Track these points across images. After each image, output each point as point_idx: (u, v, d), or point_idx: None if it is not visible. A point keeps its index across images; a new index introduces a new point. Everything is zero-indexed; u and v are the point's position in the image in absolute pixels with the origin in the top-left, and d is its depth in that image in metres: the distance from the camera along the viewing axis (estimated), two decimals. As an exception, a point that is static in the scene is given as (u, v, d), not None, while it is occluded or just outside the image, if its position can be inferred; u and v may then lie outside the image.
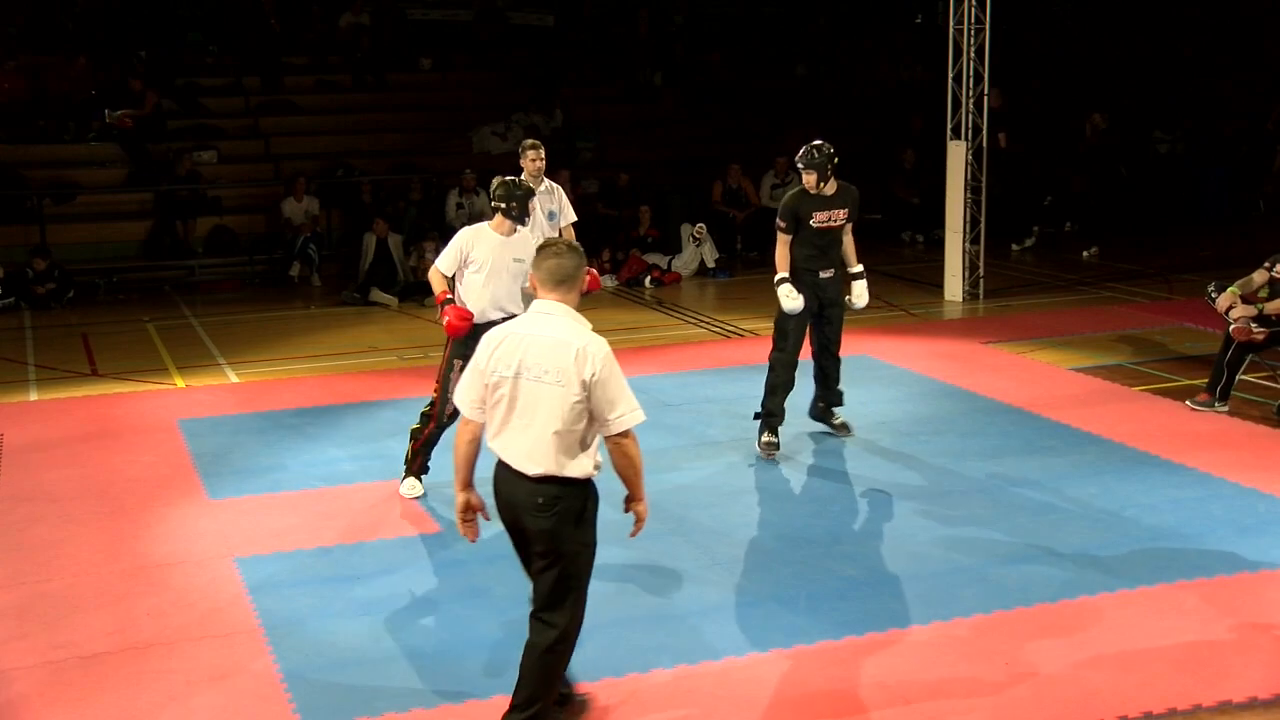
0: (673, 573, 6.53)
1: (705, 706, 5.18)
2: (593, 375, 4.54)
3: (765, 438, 8.42)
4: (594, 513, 4.79)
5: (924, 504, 7.45)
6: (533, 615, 4.81)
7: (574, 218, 9.55)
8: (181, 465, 8.44)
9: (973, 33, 13.54)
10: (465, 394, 4.79)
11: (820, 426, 8.96)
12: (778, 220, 8.43)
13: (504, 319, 6.54)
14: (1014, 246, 16.68)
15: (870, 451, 8.48)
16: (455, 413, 6.54)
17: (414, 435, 7.86)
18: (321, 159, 17.73)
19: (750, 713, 5.12)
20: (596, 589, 6.27)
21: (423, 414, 7.82)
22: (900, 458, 8.31)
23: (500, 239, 7.47)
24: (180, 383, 10.93)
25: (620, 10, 21.97)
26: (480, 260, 7.42)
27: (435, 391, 7.69)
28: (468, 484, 4.89)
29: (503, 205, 7.47)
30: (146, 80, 17.77)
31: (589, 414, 4.61)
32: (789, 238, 8.36)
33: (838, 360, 8.70)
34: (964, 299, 13.75)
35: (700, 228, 15.97)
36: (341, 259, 16.04)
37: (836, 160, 8.26)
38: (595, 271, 7.89)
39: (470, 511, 4.92)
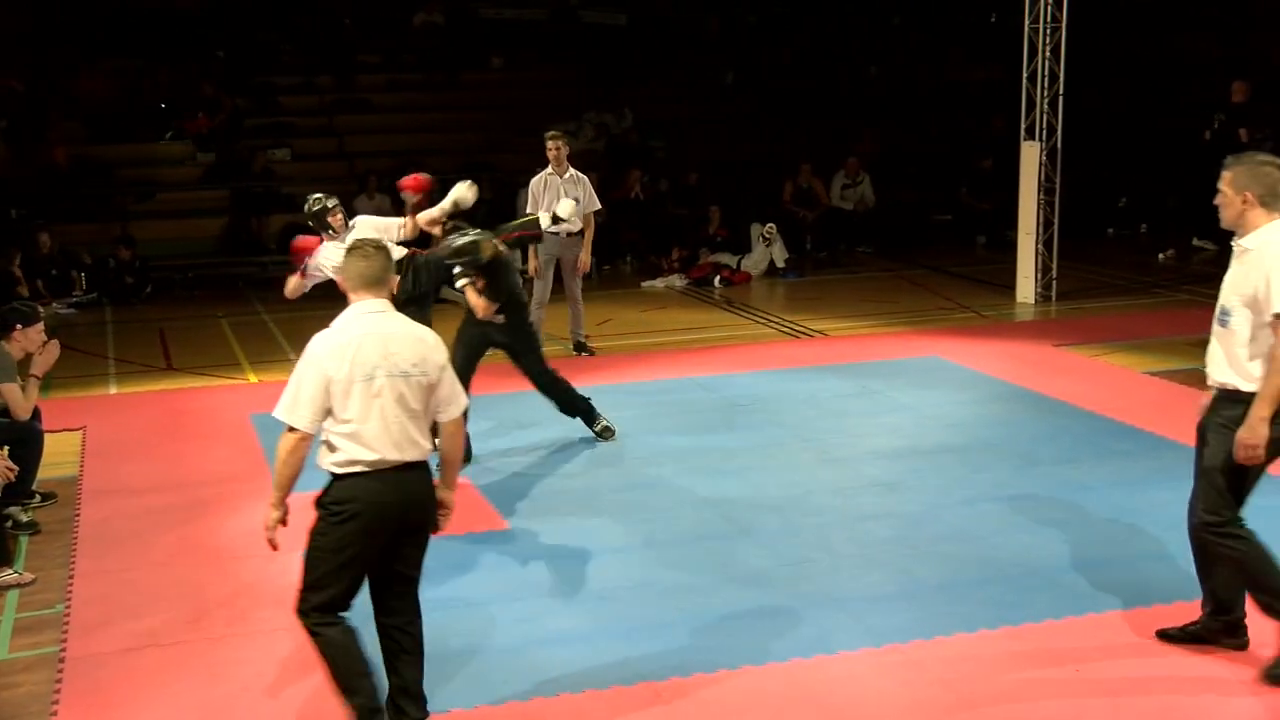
0: (740, 573, 6.52)
1: (770, 708, 5.17)
2: (443, 363, 4.77)
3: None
4: None
5: (994, 507, 7.39)
6: (394, 628, 4.86)
7: (598, 205, 10.01)
8: (254, 459, 8.56)
9: (1048, 31, 13.39)
10: (305, 411, 4.69)
11: (897, 426, 8.93)
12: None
13: None
14: (1160, 256, 16.38)
15: (940, 454, 8.42)
16: None
17: None
18: (394, 157, 17.87)
19: (816, 715, 5.11)
20: (663, 588, 6.32)
21: None
22: (970, 461, 8.25)
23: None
24: (253, 378, 11.09)
25: (692, 10, 21.98)
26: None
27: None
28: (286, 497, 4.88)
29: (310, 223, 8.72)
30: (221, 84, 18.07)
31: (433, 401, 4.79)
32: None
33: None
34: (1036, 301, 13.61)
35: (770, 227, 15.93)
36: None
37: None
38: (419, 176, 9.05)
39: (281, 524, 4.93)
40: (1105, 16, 20.88)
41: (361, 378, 4.64)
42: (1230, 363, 5.31)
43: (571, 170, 10.38)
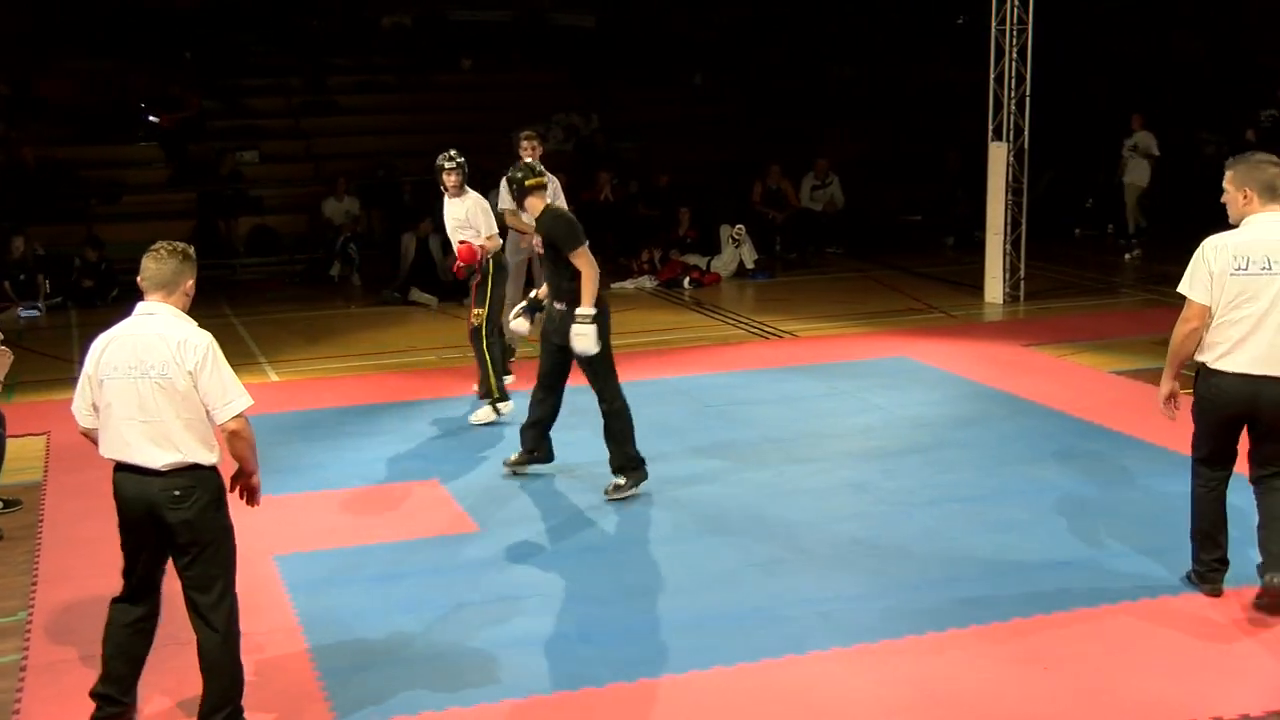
0: (711, 574, 6.52)
1: (742, 709, 5.16)
2: (197, 365, 4.80)
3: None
4: (226, 498, 5.04)
5: (963, 507, 7.41)
6: (192, 613, 5.00)
7: (564, 206, 10.26)
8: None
9: (1015, 33, 13.45)
10: (77, 403, 4.95)
11: (867, 426, 8.95)
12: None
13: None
14: (1126, 256, 16.50)
15: (910, 454, 8.44)
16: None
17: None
18: (363, 159, 17.85)
19: (788, 715, 5.11)
20: (634, 589, 6.31)
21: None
22: (940, 460, 8.27)
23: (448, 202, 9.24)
24: (222, 381, 11.00)
25: (662, 11, 21.99)
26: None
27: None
28: None
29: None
30: (189, 83, 17.96)
31: (202, 403, 4.84)
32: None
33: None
34: (1004, 301, 13.67)
35: (740, 229, 15.95)
36: (383, 259, 16.13)
37: (523, 179, 7.86)
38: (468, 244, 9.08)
39: None
40: (1081, 17, 21.07)
41: (105, 377, 4.82)
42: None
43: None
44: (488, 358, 9.19)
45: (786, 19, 22.50)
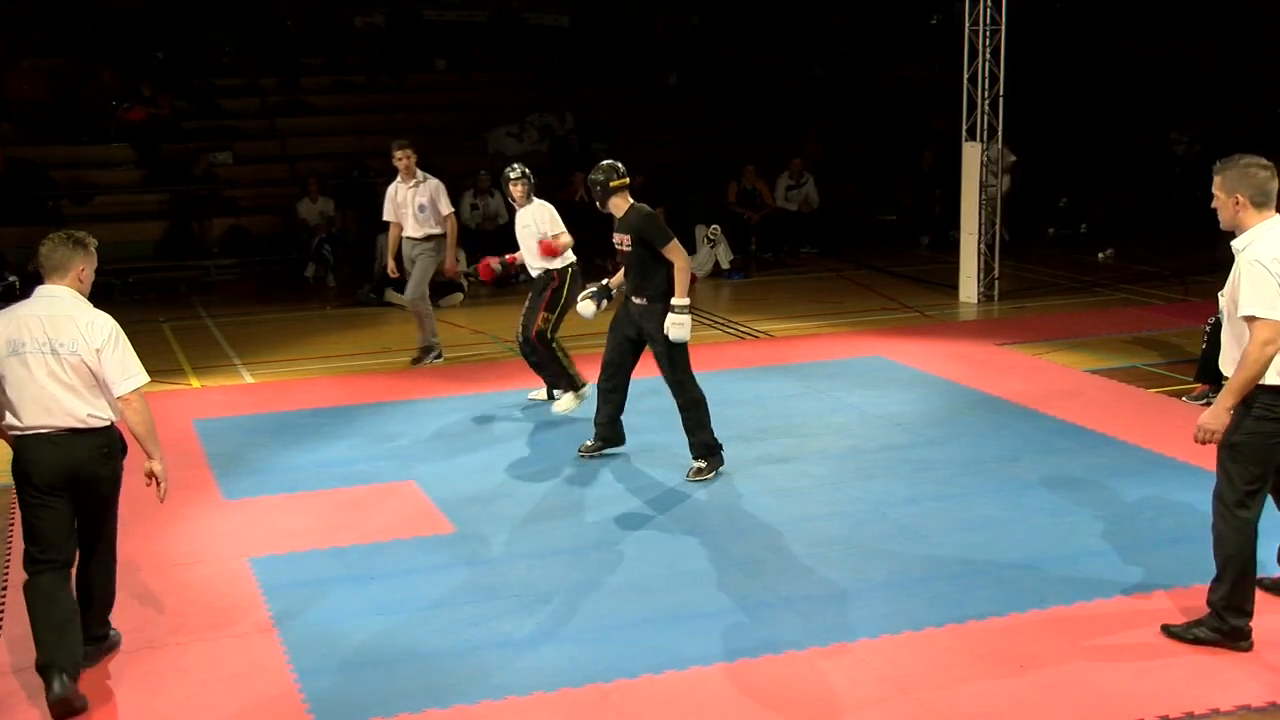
0: (687, 574, 6.52)
1: (718, 709, 5.17)
2: (103, 343, 5.30)
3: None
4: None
5: (939, 505, 7.44)
6: (82, 582, 5.52)
7: (450, 209, 11.19)
8: (197, 465, 8.47)
9: (988, 33, 13.51)
10: None
11: (842, 426, 8.97)
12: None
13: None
14: (1099, 255, 16.56)
15: (885, 453, 8.46)
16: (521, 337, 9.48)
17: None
18: (338, 159, 17.78)
19: (763, 714, 5.12)
20: (610, 590, 6.31)
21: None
22: (915, 459, 8.30)
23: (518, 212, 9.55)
24: (195, 383, 10.97)
25: (636, 11, 21.99)
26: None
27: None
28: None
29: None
30: (160, 84, 17.85)
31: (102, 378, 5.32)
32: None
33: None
34: (979, 301, 13.73)
35: (715, 229, 15.96)
36: (358, 260, 16.08)
37: (608, 180, 7.95)
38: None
39: None
40: (1054, 18, 21.19)
41: (10, 353, 5.24)
42: (1226, 356, 5.49)
43: (419, 174, 10.99)
44: (559, 352, 9.31)
45: (761, 19, 22.53)
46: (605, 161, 8.17)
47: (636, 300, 7.98)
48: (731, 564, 6.64)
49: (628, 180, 8.03)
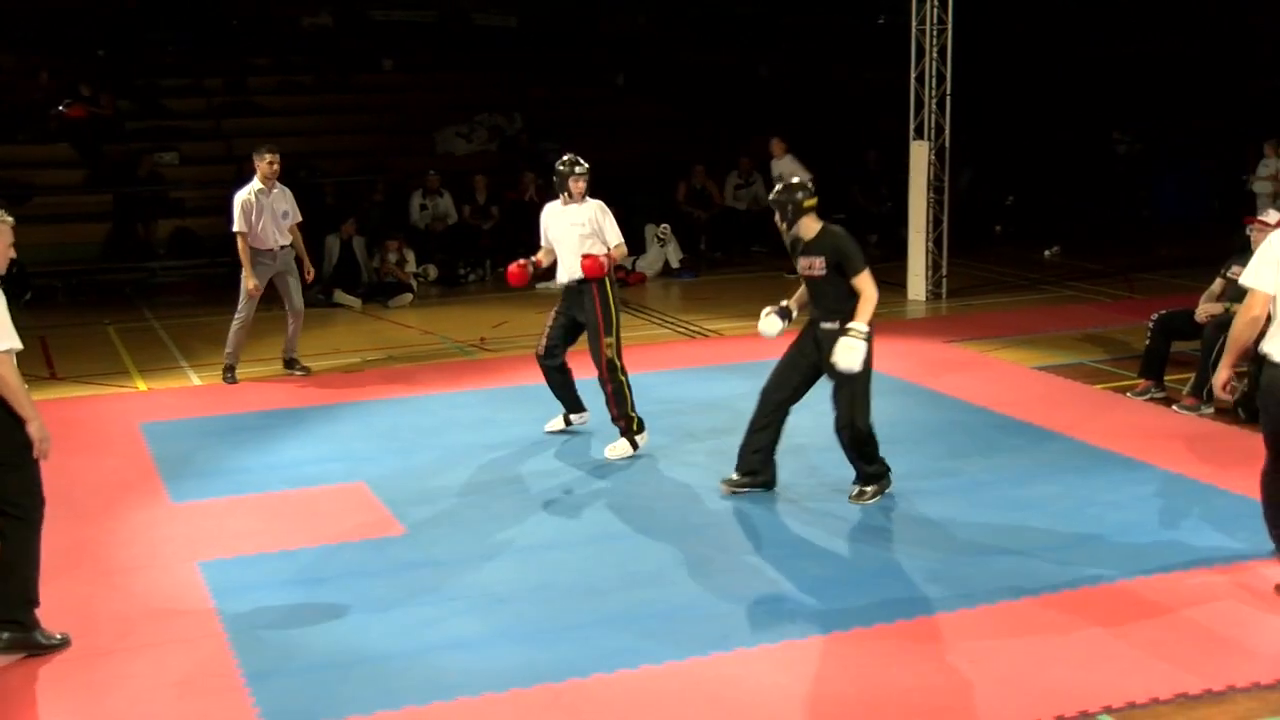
0: (638, 573, 6.53)
1: (670, 708, 5.18)
2: None
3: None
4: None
5: (888, 503, 7.48)
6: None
7: (299, 218, 11.04)
8: (144, 469, 8.38)
9: (935, 33, 13.61)
10: None
11: (792, 426, 9.01)
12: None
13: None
14: (1045, 253, 16.72)
15: (834, 451, 8.46)
16: (545, 353, 8.71)
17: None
18: (284, 160, 17.61)
19: (715, 713, 5.13)
20: (561, 590, 6.30)
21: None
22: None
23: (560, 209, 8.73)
24: (142, 386, 10.86)
25: (583, 11, 21.98)
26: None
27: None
28: None
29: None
30: (101, 83, 17.64)
31: None
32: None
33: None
34: (927, 298, 13.83)
35: (665, 228, 15.99)
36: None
37: (801, 199, 7.45)
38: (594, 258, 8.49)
39: None
40: (1000, 18, 21.36)
41: None
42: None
43: (279, 186, 10.87)
44: (627, 390, 8.55)
45: (707, 19, 22.58)
46: (794, 180, 7.62)
47: (826, 325, 7.41)
48: (682, 564, 6.64)
49: (816, 201, 7.48)
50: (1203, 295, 9.52)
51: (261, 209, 10.81)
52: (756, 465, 7.69)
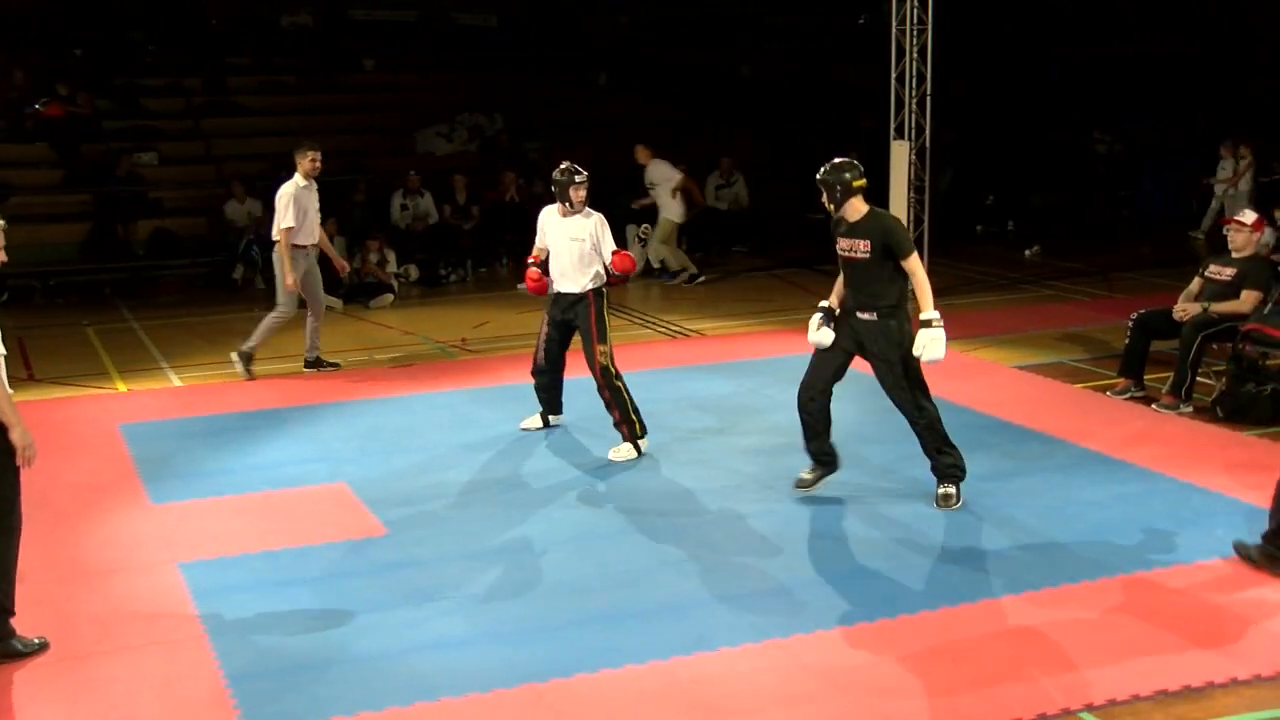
0: (622, 573, 6.52)
1: (653, 707, 5.18)
2: None
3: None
4: None
5: (868, 502, 7.50)
6: None
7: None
8: (123, 470, 8.34)
9: (915, 33, 13.64)
10: None
11: (773, 425, 9.01)
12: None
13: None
14: (1026, 253, 16.77)
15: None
16: (548, 366, 8.63)
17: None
18: (265, 160, 17.58)
19: (699, 712, 5.13)
20: (545, 590, 6.30)
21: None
22: (845, 456, 8.28)
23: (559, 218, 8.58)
24: (122, 387, 10.81)
25: (565, 11, 21.97)
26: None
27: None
28: None
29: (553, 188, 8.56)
30: (79, 83, 17.55)
31: None
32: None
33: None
34: (909, 298, 13.82)
35: (646, 228, 15.85)
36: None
37: (850, 179, 7.22)
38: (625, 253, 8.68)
39: None
40: (980, 18, 21.41)
41: None
42: None
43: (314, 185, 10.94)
44: (626, 394, 8.48)
45: (690, 19, 22.58)
46: (839, 159, 7.33)
47: (863, 315, 7.30)
48: (665, 563, 6.65)
49: (865, 183, 7.24)
50: (1181, 295, 9.56)
51: (303, 205, 10.81)
52: (826, 460, 7.67)
